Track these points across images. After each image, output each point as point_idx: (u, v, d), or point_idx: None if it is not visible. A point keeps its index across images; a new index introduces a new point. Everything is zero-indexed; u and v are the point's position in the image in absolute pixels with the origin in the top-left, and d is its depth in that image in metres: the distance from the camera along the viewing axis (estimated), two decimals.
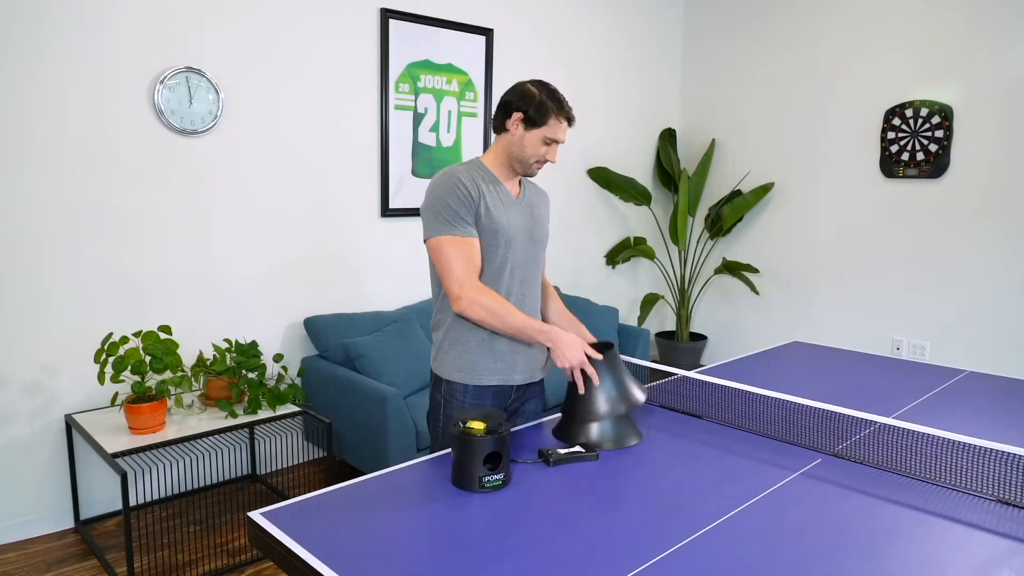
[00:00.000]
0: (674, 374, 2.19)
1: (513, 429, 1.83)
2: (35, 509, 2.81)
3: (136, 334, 2.63)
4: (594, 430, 1.71)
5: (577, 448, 1.64)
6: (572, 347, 1.72)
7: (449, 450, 1.70)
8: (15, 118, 2.61)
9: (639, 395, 1.76)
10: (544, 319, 2.04)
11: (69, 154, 2.74)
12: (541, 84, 1.81)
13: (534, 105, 1.77)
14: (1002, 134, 3.78)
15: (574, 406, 1.75)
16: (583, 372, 1.73)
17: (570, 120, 1.83)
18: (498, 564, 1.17)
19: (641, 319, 4.81)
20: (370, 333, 3.35)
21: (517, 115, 1.79)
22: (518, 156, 1.82)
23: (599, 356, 1.74)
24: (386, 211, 3.69)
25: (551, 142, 1.82)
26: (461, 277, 1.73)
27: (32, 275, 2.71)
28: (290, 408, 2.88)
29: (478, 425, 1.48)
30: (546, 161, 1.85)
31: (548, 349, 1.81)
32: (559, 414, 1.91)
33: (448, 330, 1.85)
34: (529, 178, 1.99)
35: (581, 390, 1.72)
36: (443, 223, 1.75)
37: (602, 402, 1.72)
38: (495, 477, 1.45)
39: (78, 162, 2.76)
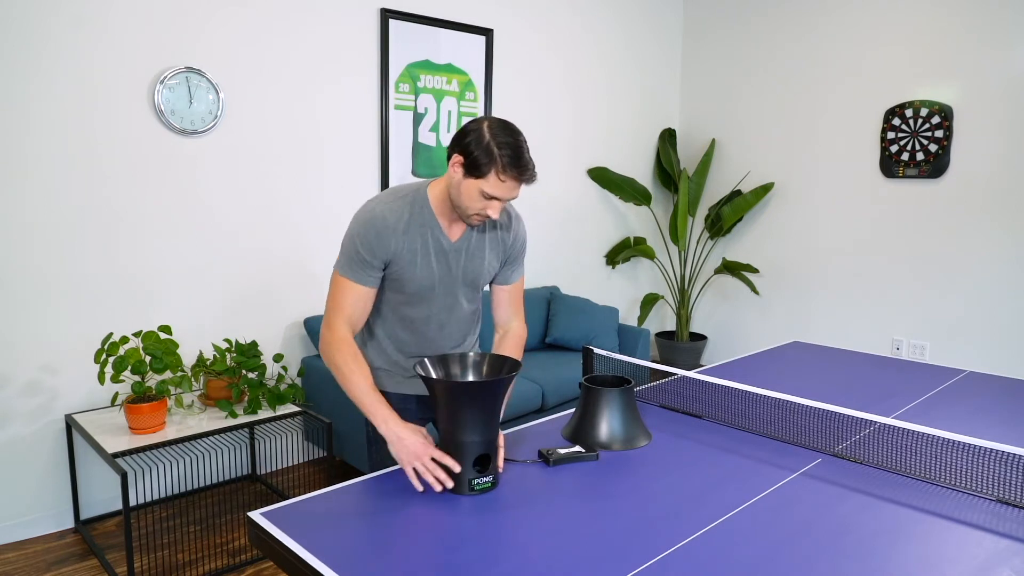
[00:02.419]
0: (674, 374, 2.19)
1: (512, 430, 1.83)
2: (35, 509, 2.81)
3: (136, 334, 2.63)
4: (603, 432, 1.71)
5: (577, 448, 1.64)
6: (410, 444, 1.49)
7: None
8: (15, 118, 2.61)
9: (642, 440, 1.73)
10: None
11: (69, 154, 2.74)
12: (503, 128, 1.53)
13: (479, 151, 1.51)
14: (1002, 134, 3.78)
15: (581, 422, 1.75)
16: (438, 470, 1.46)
17: (524, 181, 1.55)
18: (498, 564, 1.17)
19: (641, 319, 4.81)
20: None
21: (458, 157, 1.55)
22: (455, 202, 1.61)
23: (451, 464, 1.44)
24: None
25: (491, 198, 1.56)
26: (332, 320, 1.64)
27: (32, 275, 2.71)
28: (290, 408, 2.88)
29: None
30: (487, 217, 1.60)
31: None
32: (556, 415, 1.91)
33: (367, 335, 1.82)
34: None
35: (418, 487, 1.45)
36: (346, 264, 1.64)
37: (603, 434, 1.71)
38: (484, 480, 1.45)
39: (78, 162, 2.76)
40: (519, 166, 1.53)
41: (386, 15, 3.54)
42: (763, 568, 1.17)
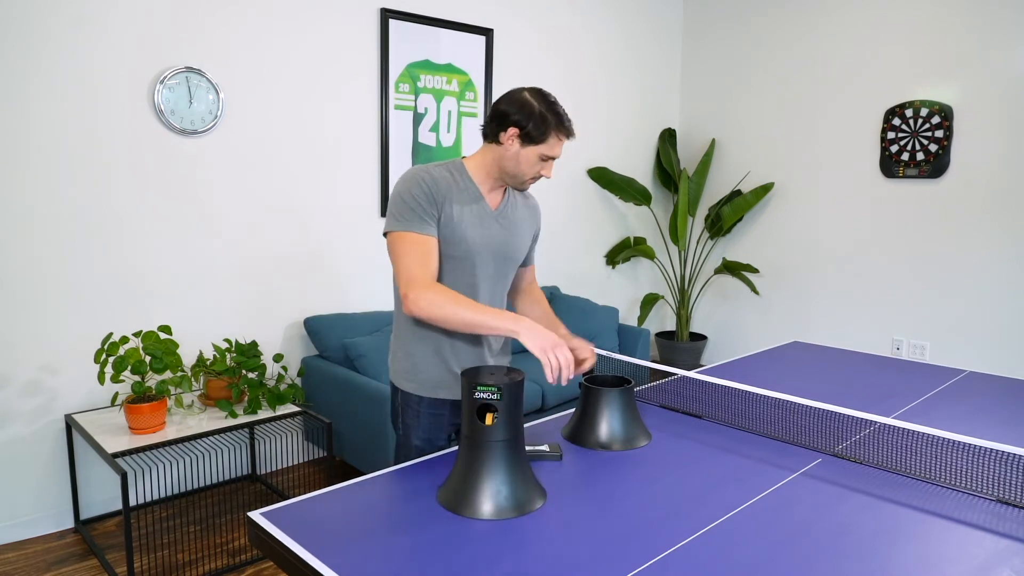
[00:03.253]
0: (674, 374, 2.19)
1: None
2: (35, 509, 2.81)
3: (136, 334, 2.63)
4: (603, 432, 1.71)
5: (542, 447, 1.64)
6: (542, 333, 1.54)
7: (451, 450, 1.70)
8: (15, 118, 2.61)
9: (642, 440, 1.73)
10: None
11: (69, 154, 2.74)
12: (540, 95, 1.67)
13: (533, 120, 1.64)
14: (1002, 134, 3.78)
15: (581, 422, 1.75)
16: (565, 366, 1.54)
17: (570, 135, 1.71)
18: (498, 563, 1.17)
19: (641, 319, 4.81)
20: (370, 333, 3.35)
21: (513, 130, 1.66)
22: (511, 172, 1.71)
23: (584, 346, 1.67)
24: (386, 211, 3.68)
25: (548, 159, 1.70)
26: (411, 275, 1.61)
27: (32, 275, 2.71)
28: (290, 408, 2.88)
29: None
30: (541, 177, 1.75)
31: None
32: (557, 415, 1.91)
33: (400, 337, 1.78)
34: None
35: (551, 378, 1.53)
36: (402, 218, 1.65)
37: (603, 434, 1.71)
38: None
39: (78, 162, 2.76)
40: (565, 123, 1.70)
41: (386, 15, 3.54)
42: (763, 568, 1.17)
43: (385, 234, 1.70)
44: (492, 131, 1.69)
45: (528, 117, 1.64)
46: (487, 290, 1.77)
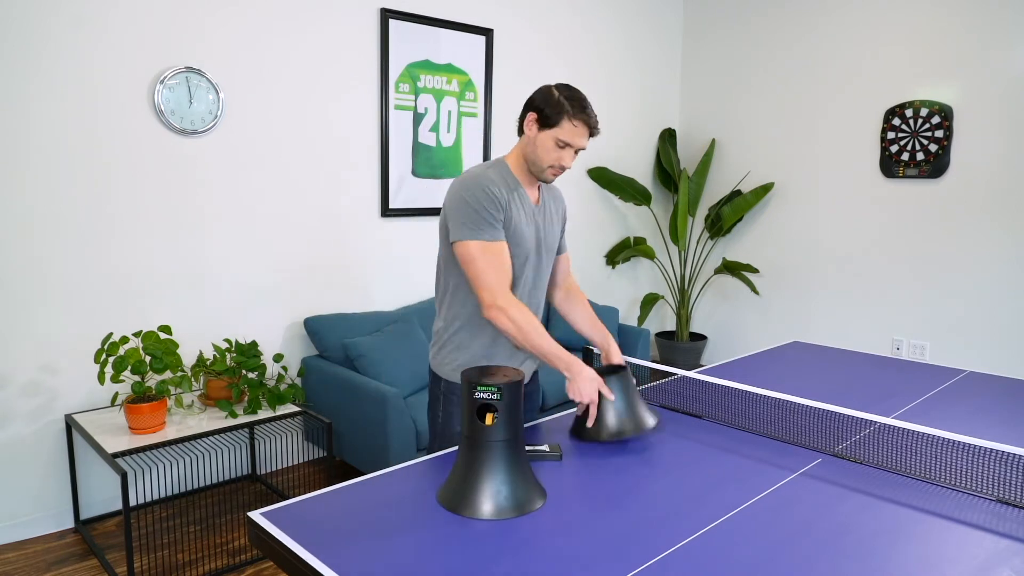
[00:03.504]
0: (674, 374, 2.19)
1: None
2: (35, 509, 2.81)
3: (136, 334, 2.63)
4: (612, 420, 1.70)
5: (542, 447, 1.64)
6: (587, 383, 1.70)
7: (451, 450, 1.70)
8: (15, 118, 2.61)
9: (649, 420, 1.73)
10: (573, 326, 2.04)
11: (69, 154, 2.74)
12: (565, 87, 1.73)
13: (550, 104, 1.69)
14: (1002, 134, 3.78)
15: (584, 424, 1.75)
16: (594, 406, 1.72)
17: (591, 127, 1.73)
18: (498, 564, 1.17)
19: (641, 319, 4.81)
20: (370, 333, 3.35)
21: (532, 115, 1.73)
22: (531, 159, 1.76)
23: (611, 396, 1.72)
24: (386, 211, 3.69)
25: (565, 145, 1.72)
26: (494, 285, 1.69)
27: (32, 275, 2.71)
28: (290, 408, 2.88)
29: None
30: (562, 168, 1.76)
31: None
32: (557, 414, 1.91)
33: (454, 331, 1.83)
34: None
35: (590, 423, 1.71)
36: (475, 228, 1.69)
37: (611, 421, 1.71)
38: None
39: (78, 162, 2.76)
40: (586, 112, 1.71)
41: (386, 15, 3.54)
42: (763, 568, 1.17)
43: (455, 242, 1.73)
44: (520, 121, 1.77)
45: (546, 102, 1.70)
46: (529, 280, 1.84)
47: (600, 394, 1.71)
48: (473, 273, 1.70)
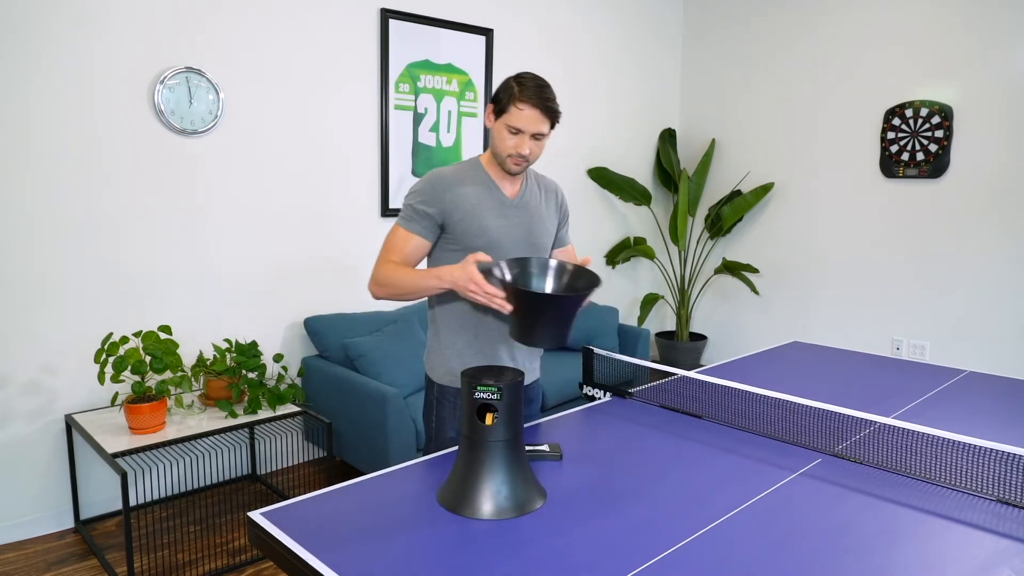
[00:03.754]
0: (674, 374, 2.19)
1: None
2: (35, 509, 2.81)
3: (136, 334, 2.63)
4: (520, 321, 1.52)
5: (542, 447, 1.64)
6: (459, 271, 1.57)
7: (451, 450, 1.70)
8: (15, 118, 2.61)
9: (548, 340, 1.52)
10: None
11: (69, 154, 2.74)
12: (526, 74, 1.70)
13: (501, 90, 1.68)
14: (1002, 134, 3.78)
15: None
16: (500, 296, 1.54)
17: (543, 109, 1.64)
18: (497, 564, 1.17)
19: (641, 319, 4.81)
20: (370, 333, 3.35)
21: (490, 106, 1.72)
22: (494, 151, 1.75)
23: (499, 295, 1.51)
24: (386, 211, 3.69)
25: (517, 131, 1.67)
26: (376, 263, 1.73)
27: (32, 275, 2.71)
28: (290, 408, 2.88)
29: None
30: (522, 157, 1.69)
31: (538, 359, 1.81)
32: (557, 414, 1.91)
33: (437, 333, 1.84)
34: (535, 171, 1.92)
35: (503, 308, 1.51)
36: (402, 217, 1.75)
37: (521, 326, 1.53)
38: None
39: (78, 162, 2.76)
40: (535, 93, 1.63)
41: (386, 15, 3.54)
42: (763, 568, 1.17)
43: None
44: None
45: (500, 89, 1.69)
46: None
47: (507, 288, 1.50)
48: (380, 253, 1.76)
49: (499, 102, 1.68)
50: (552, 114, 1.68)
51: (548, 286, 1.65)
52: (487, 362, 1.82)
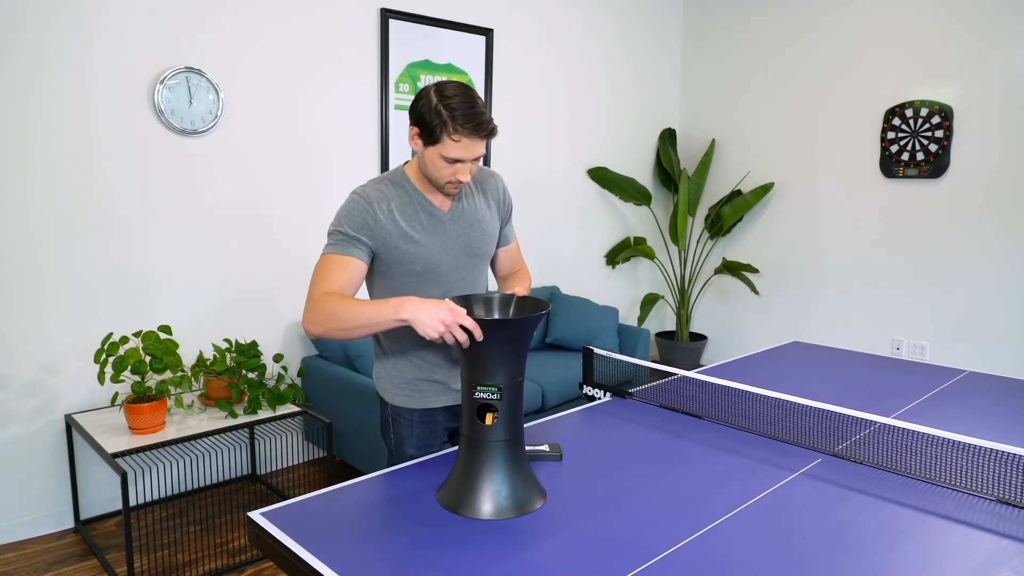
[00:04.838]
0: (674, 374, 2.19)
1: None
2: (35, 509, 2.81)
3: (136, 334, 2.63)
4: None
5: (542, 447, 1.64)
6: (432, 310, 1.34)
7: (451, 450, 1.70)
8: (15, 118, 2.61)
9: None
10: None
11: (69, 154, 2.74)
12: (450, 86, 1.49)
13: (428, 116, 1.48)
14: (1002, 134, 3.77)
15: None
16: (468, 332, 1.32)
17: (481, 135, 1.48)
18: (499, 564, 1.17)
19: (641, 319, 4.81)
20: None
21: (413, 129, 1.53)
22: (427, 174, 1.59)
23: (472, 324, 1.32)
24: None
25: (454, 161, 1.51)
26: (312, 293, 1.51)
27: (32, 275, 2.71)
28: (290, 408, 2.88)
29: None
30: (461, 183, 1.56)
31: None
32: (557, 414, 1.91)
33: (380, 356, 1.76)
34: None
35: (467, 344, 1.33)
36: (330, 244, 1.57)
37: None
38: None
39: (78, 162, 2.76)
40: (470, 120, 1.46)
41: (386, 15, 3.54)
42: (763, 568, 1.17)
43: None
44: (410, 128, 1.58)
45: (426, 112, 1.48)
46: (455, 287, 1.70)
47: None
48: (310, 285, 1.55)
49: (428, 129, 1.49)
50: (490, 134, 1.51)
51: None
52: (439, 383, 1.73)
